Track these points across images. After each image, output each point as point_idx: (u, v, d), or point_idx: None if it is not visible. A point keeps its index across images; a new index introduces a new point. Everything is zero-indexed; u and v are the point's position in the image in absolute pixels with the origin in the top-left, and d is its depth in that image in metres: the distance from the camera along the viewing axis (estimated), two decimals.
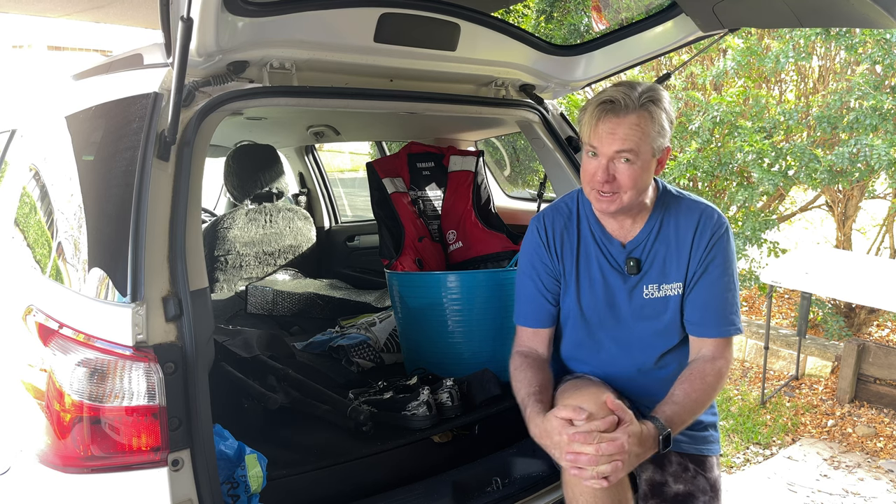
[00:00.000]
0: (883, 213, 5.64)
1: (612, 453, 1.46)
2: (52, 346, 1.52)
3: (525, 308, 1.87)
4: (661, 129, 1.65)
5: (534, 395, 1.67)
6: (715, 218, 1.76)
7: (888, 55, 4.41)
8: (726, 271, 1.74)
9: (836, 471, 3.75)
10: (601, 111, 1.63)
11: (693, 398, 1.64)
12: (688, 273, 1.75)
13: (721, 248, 1.74)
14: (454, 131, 3.66)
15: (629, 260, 1.76)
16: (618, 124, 1.61)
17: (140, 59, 1.94)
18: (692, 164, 5.08)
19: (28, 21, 8.70)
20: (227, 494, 1.61)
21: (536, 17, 6.55)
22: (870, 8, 1.76)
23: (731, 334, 1.75)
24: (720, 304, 1.74)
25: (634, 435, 1.48)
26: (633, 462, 1.49)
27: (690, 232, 1.75)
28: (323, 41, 1.91)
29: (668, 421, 1.57)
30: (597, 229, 1.82)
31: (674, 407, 1.61)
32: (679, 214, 1.77)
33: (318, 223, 4.35)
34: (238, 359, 2.36)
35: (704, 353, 1.74)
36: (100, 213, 1.63)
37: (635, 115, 1.61)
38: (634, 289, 1.77)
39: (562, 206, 1.88)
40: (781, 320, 5.91)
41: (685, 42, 2.32)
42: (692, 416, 1.64)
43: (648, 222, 1.77)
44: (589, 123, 1.66)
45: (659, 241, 1.76)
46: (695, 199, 1.80)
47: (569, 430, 1.49)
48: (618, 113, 1.61)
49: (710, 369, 1.70)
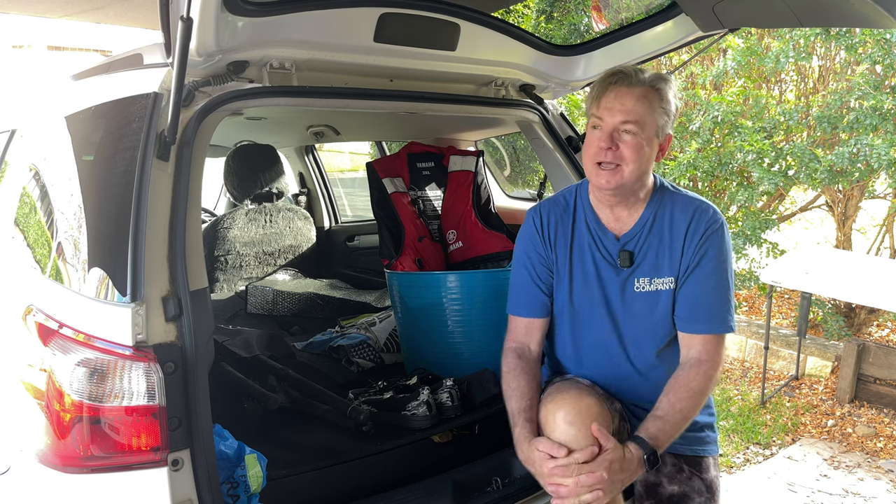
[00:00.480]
0: (883, 213, 5.64)
1: (592, 484, 1.48)
2: (51, 345, 1.52)
3: (519, 297, 1.86)
4: (667, 107, 1.66)
5: (524, 413, 1.67)
6: (710, 213, 1.75)
7: (888, 55, 4.41)
8: (719, 267, 1.72)
9: (836, 471, 3.75)
10: (609, 82, 1.64)
11: (678, 409, 1.62)
12: (680, 268, 1.74)
13: (714, 242, 1.72)
14: (454, 131, 3.66)
15: (622, 252, 1.76)
16: (625, 94, 1.62)
17: (140, 59, 1.94)
18: (692, 164, 5.08)
19: (28, 21, 8.70)
20: (227, 494, 1.61)
21: (536, 17, 6.55)
22: (870, 8, 1.76)
23: (720, 332, 1.72)
24: (711, 299, 1.71)
25: (616, 462, 1.50)
26: (616, 488, 1.51)
27: (684, 226, 1.74)
28: (323, 41, 1.90)
29: (653, 439, 1.56)
30: (592, 220, 1.80)
31: (657, 422, 1.60)
32: (674, 208, 1.76)
33: (318, 223, 4.35)
34: (238, 359, 2.36)
35: (692, 354, 1.71)
36: (100, 212, 1.63)
37: (643, 89, 1.63)
38: (626, 282, 1.76)
39: (559, 199, 1.88)
40: (781, 320, 5.91)
41: (685, 42, 2.32)
42: (680, 428, 1.63)
43: (643, 215, 1.76)
44: (595, 95, 1.67)
45: (653, 234, 1.75)
46: (691, 195, 1.80)
47: (549, 463, 1.52)
48: (626, 83, 1.62)
49: (696, 375, 1.67)
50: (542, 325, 1.85)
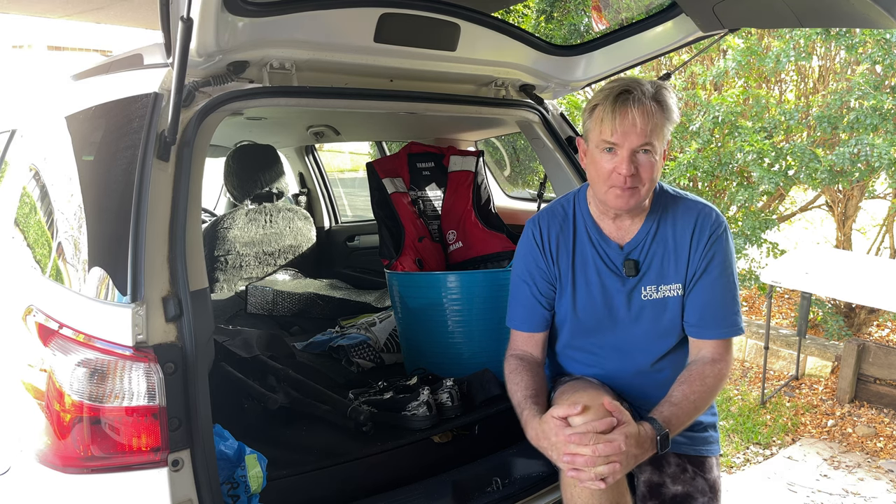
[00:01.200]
0: (883, 213, 5.64)
1: (609, 454, 1.45)
2: (52, 346, 1.52)
3: (519, 312, 1.85)
4: (672, 116, 1.63)
5: (530, 399, 1.66)
6: (713, 217, 1.74)
7: (888, 55, 4.41)
8: (725, 271, 1.73)
9: (836, 471, 3.75)
10: (620, 103, 1.58)
11: (692, 399, 1.62)
12: (687, 274, 1.74)
13: (720, 247, 1.72)
14: (454, 131, 3.66)
15: (627, 262, 1.74)
16: (638, 115, 1.57)
17: (140, 60, 1.94)
18: (692, 164, 5.08)
19: (28, 21, 8.70)
20: (227, 495, 1.61)
21: (536, 17, 6.55)
22: (870, 8, 1.76)
23: (731, 335, 1.73)
24: (720, 304, 1.72)
25: (632, 436, 1.48)
26: (630, 463, 1.48)
27: (688, 232, 1.73)
28: (323, 41, 1.90)
29: (666, 422, 1.56)
30: (593, 231, 1.79)
31: (672, 408, 1.60)
32: (676, 214, 1.75)
33: (318, 223, 4.35)
34: (238, 359, 2.36)
35: (704, 354, 1.72)
36: (100, 213, 1.63)
37: (651, 106, 1.58)
38: (633, 291, 1.76)
39: (557, 209, 1.85)
40: (781, 320, 5.91)
41: (685, 42, 2.32)
42: (691, 418, 1.63)
43: (646, 223, 1.75)
44: (605, 119, 1.60)
45: (657, 242, 1.75)
46: (692, 199, 1.78)
47: (565, 431, 1.48)
48: (637, 104, 1.57)
49: (710, 371, 1.68)
50: (543, 338, 1.85)
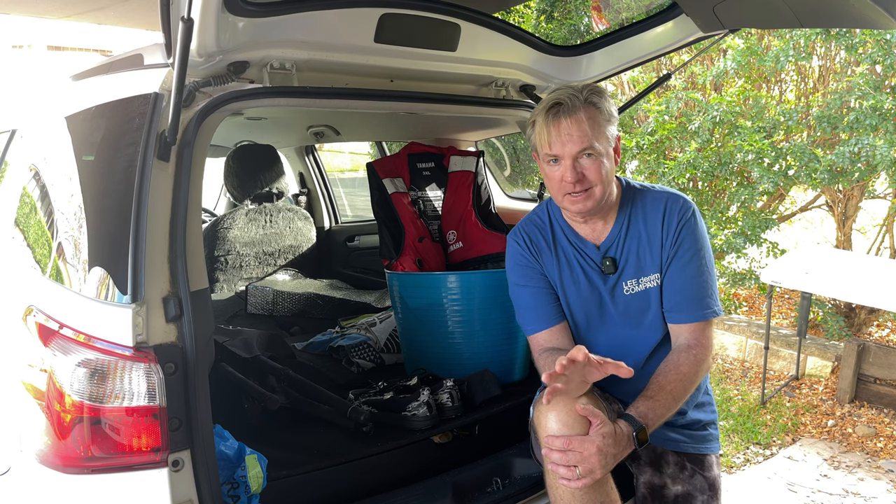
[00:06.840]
0: (883, 213, 5.65)
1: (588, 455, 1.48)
2: (52, 346, 1.52)
3: (529, 315, 1.87)
4: (609, 117, 1.69)
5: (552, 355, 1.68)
6: (680, 203, 1.78)
7: (888, 55, 4.41)
8: (697, 254, 1.76)
9: (836, 471, 3.75)
10: (552, 116, 1.66)
11: (668, 390, 1.64)
12: (662, 262, 1.78)
13: (689, 231, 1.76)
14: (454, 132, 3.65)
15: (605, 260, 1.80)
16: (570, 123, 1.64)
17: (140, 60, 1.94)
18: (692, 164, 5.08)
19: (28, 21, 8.71)
20: (227, 495, 1.61)
21: (536, 17, 6.55)
22: (870, 8, 1.76)
23: (707, 318, 1.75)
24: (692, 287, 1.75)
25: (609, 436, 1.50)
26: (609, 462, 1.51)
27: (658, 221, 1.77)
28: (323, 41, 1.91)
29: (643, 417, 1.57)
30: (571, 235, 1.85)
31: (648, 402, 1.61)
32: (646, 207, 1.80)
33: (318, 223, 4.35)
34: (238, 359, 2.36)
35: (681, 341, 1.75)
36: (100, 213, 1.63)
37: (584, 112, 1.65)
38: (615, 287, 1.80)
39: (534, 218, 1.92)
40: (781, 320, 5.92)
41: (685, 42, 2.33)
42: (670, 409, 1.64)
43: (617, 220, 1.80)
44: (543, 133, 1.69)
45: (630, 237, 1.79)
46: (659, 189, 1.83)
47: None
48: (569, 114, 1.65)
49: (685, 359, 1.70)
50: (565, 328, 1.85)
